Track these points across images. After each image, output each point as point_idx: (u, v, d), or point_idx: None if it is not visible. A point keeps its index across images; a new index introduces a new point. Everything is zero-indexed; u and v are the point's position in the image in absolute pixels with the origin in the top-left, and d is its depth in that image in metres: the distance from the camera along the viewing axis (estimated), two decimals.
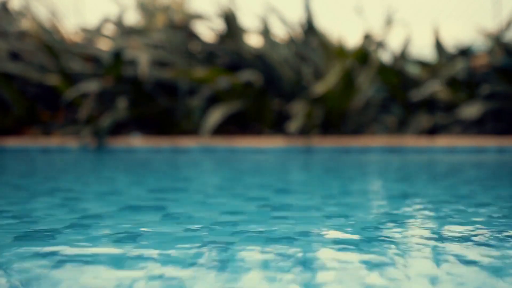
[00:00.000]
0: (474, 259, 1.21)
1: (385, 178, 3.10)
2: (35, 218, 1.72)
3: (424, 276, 1.10)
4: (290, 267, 1.15)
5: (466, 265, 1.17)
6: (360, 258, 1.22)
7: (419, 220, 1.72)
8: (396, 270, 1.14)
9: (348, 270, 1.13)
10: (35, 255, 1.25)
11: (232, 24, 6.29)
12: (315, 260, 1.21)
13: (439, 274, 1.12)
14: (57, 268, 1.15)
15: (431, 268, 1.16)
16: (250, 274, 1.11)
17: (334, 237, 1.45)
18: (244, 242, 1.37)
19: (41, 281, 1.07)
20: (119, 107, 5.79)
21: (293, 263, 1.18)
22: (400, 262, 1.20)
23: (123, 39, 6.26)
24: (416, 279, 1.08)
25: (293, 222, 1.62)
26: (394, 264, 1.18)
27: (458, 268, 1.15)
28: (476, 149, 5.37)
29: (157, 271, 1.12)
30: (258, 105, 5.96)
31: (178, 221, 1.66)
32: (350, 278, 1.08)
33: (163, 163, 4.31)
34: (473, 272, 1.13)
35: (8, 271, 1.13)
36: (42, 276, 1.09)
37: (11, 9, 6.79)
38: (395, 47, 6.43)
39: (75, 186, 2.62)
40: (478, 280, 1.08)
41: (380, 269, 1.14)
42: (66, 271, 1.13)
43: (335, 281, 1.07)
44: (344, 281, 1.06)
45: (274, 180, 2.93)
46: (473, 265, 1.17)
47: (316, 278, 1.09)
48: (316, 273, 1.11)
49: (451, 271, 1.13)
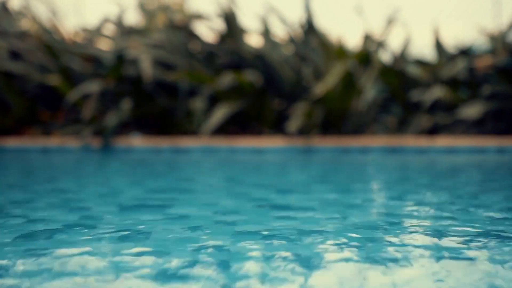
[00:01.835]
0: (474, 259, 1.21)
1: (385, 178, 3.10)
2: (35, 218, 1.72)
3: (424, 276, 1.10)
4: (290, 267, 1.15)
5: (466, 265, 1.17)
6: (360, 258, 1.22)
7: (419, 220, 1.72)
8: (396, 271, 1.14)
9: (348, 271, 1.13)
10: (35, 255, 1.25)
11: (232, 24, 6.29)
12: (315, 260, 1.21)
13: (439, 274, 1.12)
14: (57, 268, 1.15)
15: (431, 268, 1.16)
16: (250, 274, 1.11)
17: (334, 237, 1.45)
18: (244, 242, 1.37)
19: (42, 281, 1.07)
20: (123, 107, 5.79)
21: (293, 263, 1.18)
22: (400, 262, 1.20)
23: (123, 39, 6.26)
24: (416, 279, 1.08)
25: (293, 222, 1.62)
26: (394, 264, 1.18)
27: (458, 268, 1.15)
28: (476, 149, 5.37)
29: (157, 271, 1.12)
30: (258, 105, 5.96)
31: (178, 221, 1.66)
32: (350, 279, 1.08)
33: (163, 163, 4.31)
34: (473, 272, 1.13)
35: (8, 271, 1.13)
36: (42, 276, 1.09)
37: (11, 9, 6.79)
38: (395, 47, 6.44)
39: (77, 186, 2.62)
40: (478, 280, 1.08)
41: (380, 270, 1.14)
42: (66, 271, 1.13)
43: (335, 281, 1.07)
44: (344, 282, 1.06)
45: (274, 180, 2.93)
46: (473, 265, 1.17)
47: (316, 278, 1.09)
48: (316, 274, 1.11)
49: (451, 272, 1.13)
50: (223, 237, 1.43)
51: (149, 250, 1.29)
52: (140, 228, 1.54)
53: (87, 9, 8.90)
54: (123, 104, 5.83)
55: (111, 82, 5.93)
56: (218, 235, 1.45)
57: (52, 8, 6.57)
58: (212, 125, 5.54)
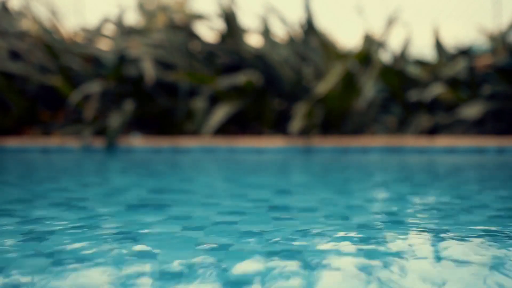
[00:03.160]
0: (473, 260, 1.21)
1: (385, 178, 3.10)
2: (35, 218, 1.72)
3: (424, 277, 1.10)
4: (290, 267, 1.15)
5: (465, 266, 1.17)
6: (360, 258, 1.22)
7: (419, 220, 1.72)
8: (396, 271, 1.14)
9: (348, 271, 1.13)
10: (35, 255, 1.25)
11: (232, 24, 6.29)
12: (315, 261, 1.21)
13: (439, 274, 1.12)
14: (57, 268, 1.15)
15: (431, 269, 1.16)
16: (250, 274, 1.11)
17: (334, 237, 1.45)
18: (244, 242, 1.37)
19: (42, 281, 1.07)
20: (126, 108, 5.79)
21: (293, 263, 1.18)
22: (401, 262, 1.20)
23: (123, 39, 6.26)
24: (416, 280, 1.08)
25: (293, 222, 1.62)
26: (394, 265, 1.18)
27: (457, 268, 1.15)
28: (476, 149, 5.37)
29: (157, 271, 1.12)
30: (258, 105, 5.96)
31: (178, 221, 1.66)
32: (350, 279, 1.08)
33: (163, 163, 4.31)
34: (472, 272, 1.13)
35: (9, 271, 1.13)
36: (42, 277, 1.09)
37: (11, 9, 6.79)
38: (395, 47, 6.44)
39: (77, 186, 2.62)
40: (478, 281, 1.08)
41: (380, 269, 1.14)
42: (67, 271, 1.13)
43: (336, 281, 1.07)
44: (345, 282, 1.06)
45: (274, 180, 2.93)
46: (472, 266, 1.17)
47: (316, 278, 1.09)
48: (315, 274, 1.11)
49: (450, 272, 1.13)
50: (223, 237, 1.43)
51: (149, 250, 1.29)
52: (140, 228, 1.54)
53: (87, 9, 8.90)
54: (126, 104, 5.83)
55: (111, 82, 5.94)
56: (218, 235, 1.45)
57: (52, 8, 6.57)
58: (213, 125, 5.54)
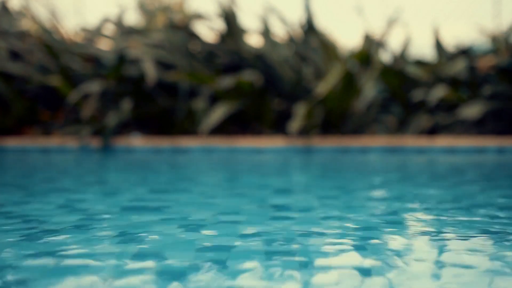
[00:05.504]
0: (473, 260, 1.21)
1: (385, 178, 3.10)
2: (35, 218, 1.72)
3: (424, 277, 1.10)
4: (289, 267, 1.15)
5: (465, 266, 1.17)
6: (360, 258, 1.22)
7: (419, 220, 1.72)
8: (396, 271, 1.14)
9: (348, 271, 1.13)
10: (35, 255, 1.25)
11: (232, 24, 6.29)
12: (315, 261, 1.21)
13: (439, 274, 1.12)
14: (57, 268, 1.15)
15: (431, 269, 1.16)
16: (250, 274, 1.11)
17: (334, 237, 1.45)
18: (244, 242, 1.37)
19: (42, 281, 1.07)
20: (123, 107, 5.79)
21: (293, 263, 1.18)
22: (401, 263, 1.20)
23: (123, 39, 6.26)
24: (417, 280, 1.08)
25: (293, 222, 1.62)
26: (394, 265, 1.18)
27: (457, 269, 1.15)
28: (476, 149, 5.37)
29: (157, 271, 1.12)
30: (258, 105, 5.96)
31: (178, 221, 1.66)
32: (350, 279, 1.08)
33: (163, 163, 4.31)
34: (472, 273, 1.13)
35: (9, 271, 1.13)
36: (42, 277, 1.09)
37: (11, 9, 6.79)
38: (395, 47, 6.44)
39: (76, 186, 2.62)
40: (478, 282, 1.07)
41: (380, 270, 1.14)
42: (66, 271, 1.13)
43: (335, 281, 1.07)
44: (344, 282, 1.06)
45: (274, 180, 2.93)
46: (472, 266, 1.17)
47: (316, 278, 1.09)
48: (315, 274, 1.11)
49: (450, 272, 1.13)
50: (223, 237, 1.43)
51: (149, 250, 1.29)
52: (140, 228, 1.54)
53: (87, 9, 8.91)
54: (123, 104, 5.83)
55: (111, 82, 5.93)
56: (218, 235, 1.45)
57: (52, 8, 6.57)
58: (211, 123, 5.53)
